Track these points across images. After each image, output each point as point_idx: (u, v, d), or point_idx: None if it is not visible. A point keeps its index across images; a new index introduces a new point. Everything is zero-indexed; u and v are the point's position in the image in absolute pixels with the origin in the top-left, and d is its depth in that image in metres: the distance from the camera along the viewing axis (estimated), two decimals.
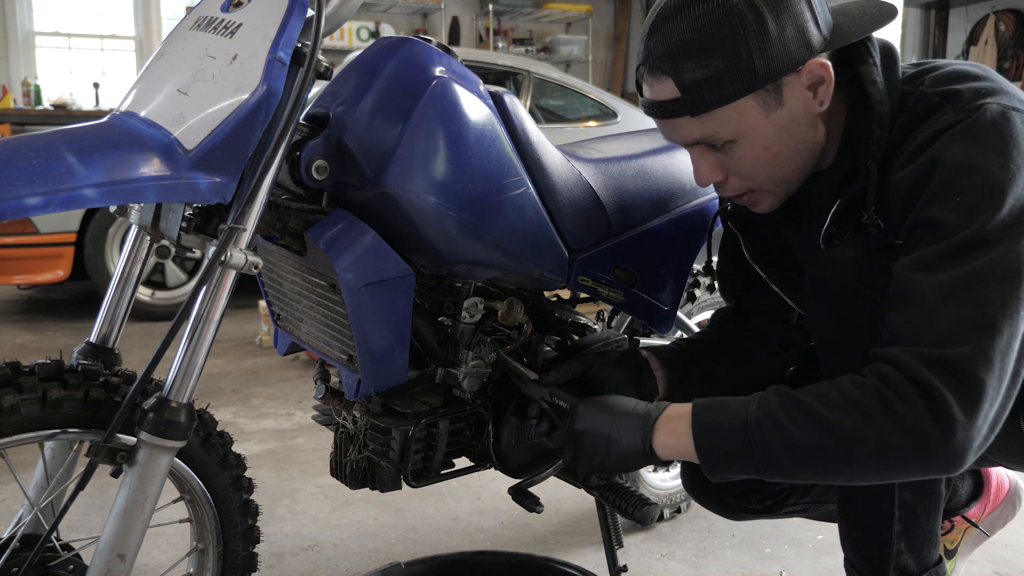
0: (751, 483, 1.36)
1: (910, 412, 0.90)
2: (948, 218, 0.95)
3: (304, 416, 2.86)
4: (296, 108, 1.05)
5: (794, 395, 0.98)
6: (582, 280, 1.40)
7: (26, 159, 0.92)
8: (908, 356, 0.92)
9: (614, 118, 4.92)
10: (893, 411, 0.91)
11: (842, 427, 0.94)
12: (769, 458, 0.98)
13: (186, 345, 1.04)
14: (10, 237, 3.95)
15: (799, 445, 0.96)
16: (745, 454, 0.99)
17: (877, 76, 1.07)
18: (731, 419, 1.01)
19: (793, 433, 0.96)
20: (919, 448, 0.91)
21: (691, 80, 1.03)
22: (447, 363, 1.32)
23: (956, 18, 5.87)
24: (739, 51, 1.01)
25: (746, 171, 1.11)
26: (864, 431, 0.93)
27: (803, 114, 1.07)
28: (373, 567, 1.67)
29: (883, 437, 0.92)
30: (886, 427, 0.91)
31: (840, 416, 0.94)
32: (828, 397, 0.96)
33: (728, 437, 1.01)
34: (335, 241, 1.14)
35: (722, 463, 1.03)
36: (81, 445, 1.22)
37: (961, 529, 1.45)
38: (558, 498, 2.15)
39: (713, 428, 1.02)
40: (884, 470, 0.96)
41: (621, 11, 8.76)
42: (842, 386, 0.96)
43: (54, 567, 1.18)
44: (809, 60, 1.04)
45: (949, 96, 1.03)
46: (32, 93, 6.27)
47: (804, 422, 0.96)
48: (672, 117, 1.07)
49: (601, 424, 1.11)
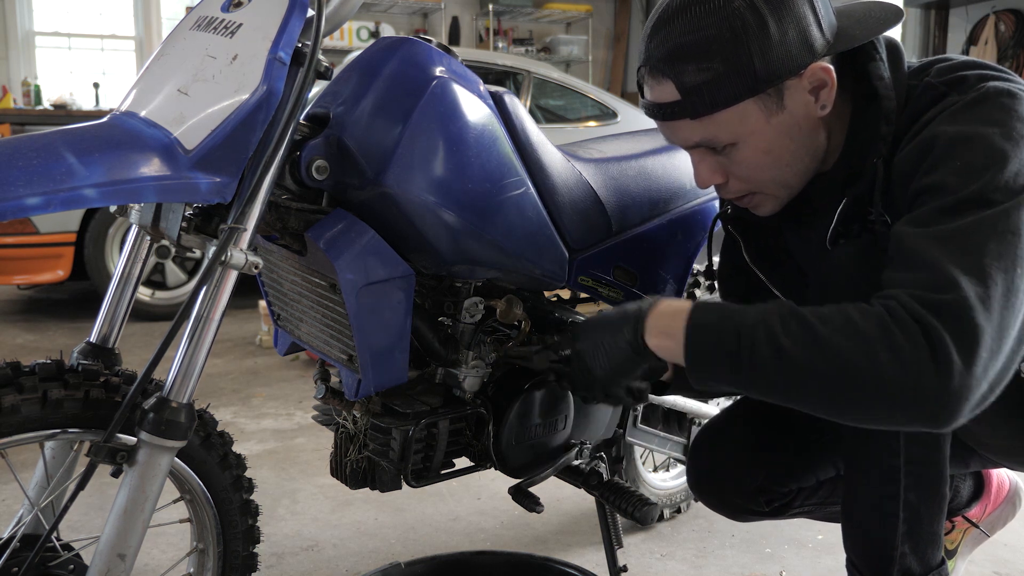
0: (758, 484, 1.35)
1: (910, 347, 0.87)
2: (948, 180, 0.94)
3: (304, 416, 2.86)
4: (296, 108, 1.05)
5: (796, 309, 0.95)
6: (582, 280, 1.40)
7: (26, 159, 0.92)
8: (908, 297, 0.89)
9: (614, 118, 4.92)
10: (893, 341, 0.87)
11: (837, 347, 0.90)
12: (756, 366, 0.94)
13: (186, 345, 1.04)
14: (10, 237, 3.94)
15: (789, 358, 0.92)
16: (733, 359, 0.95)
17: (884, 72, 1.07)
18: (726, 321, 0.97)
19: (785, 345, 0.92)
20: (912, 386, 0.87)
21: (691, 83, 1.02)
22: (447, 363, 1.33)
23: (956, 18, 5.87)
24: (739, 54, 1.00)
25: (746, 174, 1.11)
26: (859, 355, 0.89)
27: (804, 118, 1.07)
28: (373, 567, 1.67)
29: (878, 365, 0.88)
30: (883, 355, 0.87)
31: (838, 337, 0.90)
32: (829, 317, 0.92)
33: (720, 339, 0.97)
34: (335, 241, 1.14)
35: (709, 366, 0.99)
36: (81, 445, 1.22)
37: (961, 529, 1.45)
38: (558, 498, 2.15)
39: (706, 328, 0.99)
40: (871, 405, 0.91)
41: (621, 11, 8.76)
42: (845, 310, 0.92)
43: (54, 567, 1.18)
44: (811, 64, 1.03)
45: (954, 83, 1.03)
46: (32, 93, 6.27)
47: (799, 336, 0.92)
48: (672, 119, 1.07)
49: (596, 332, 1.10)
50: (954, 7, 5.85)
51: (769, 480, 1.35)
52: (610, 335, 1.08)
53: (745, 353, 0.94)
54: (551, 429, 1.40)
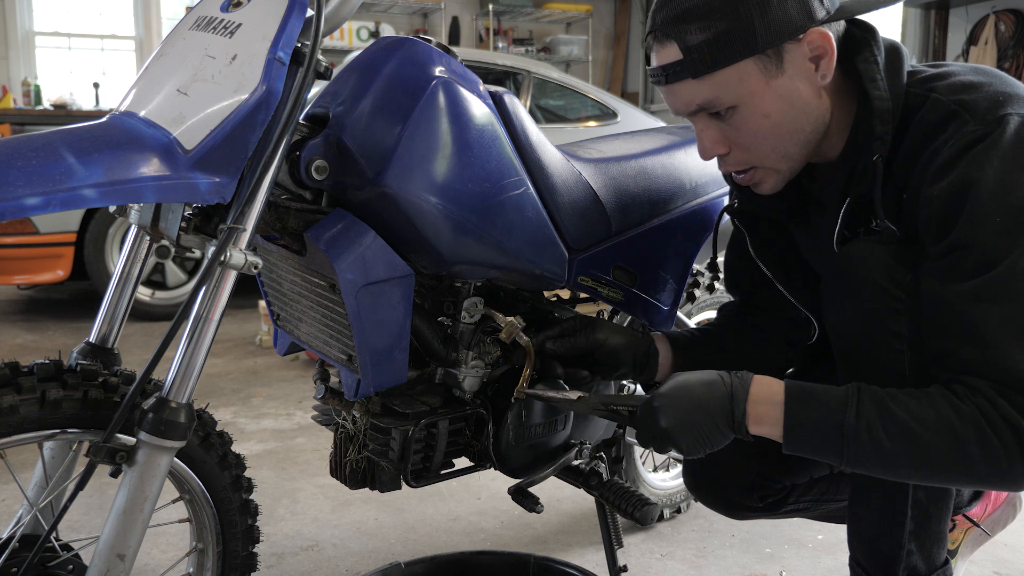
0: (753, 480, 1.36)
1: (1003, 449, 0.96)
2: (992, 241, 0.97)
3: (304, 416, 2.86)
4: (296, 108, 1.05)
5: (892, 409, 1.00)
6: (582, 280, 1.40)
7: (26, 159, 0.92)
8: (996, 394, 0.96)
9: (614, 118, 4.92)
10: (988, 445, 0.96)
11: (936, 450, 0.98)
12: (856, 459, 1.02)
13: (186, 345, 1.04)
14: (10, 237, 3.94)
15: (890, 456, 1.00)
16: (834, 452, 1.03)
17: (878, 74, 1.08)
18: (827, 420, 1.03)
19: (887, 447, 1.00)
20: (1000, 476, 0.98)
21: (693, 42, 1.05)
22: (447, 363, 1.32)
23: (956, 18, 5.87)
24: (739, 12, 1.03)
25: (748, 142, 1.12)
26: (955, 456, 0.98)
27: (805, 84, 1.08)
28: (373, 567, 1.67)
29: (971, 463, 0.97)
30: (976, 455, 0.97)
31: (936, 439, 0.98)
32: (925, 418, 0.99)
33: (822, 436, 1.03)
34: (335, 241, 1.14)
35: (807, 451, 1.06)
36: (80, 445, 1.22)
37: (963, 529, 1.45)
38: (558, 498, 2.15)
39: (807, 425, 1.04)
40: (955, 483, 1.05)
41: (621, 11, 8.76)
42: (940, 407, 0.99)
43: (54, 567, 1.18)
44: (810, 28, 1.05)
45: (966, 105, 1.03)
46: (32, 93, 6.27)
47: (900, 439, 0.99)
48: (675, 81, 1.09)
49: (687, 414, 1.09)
50: (954, 7, 5.84)
51: (763, 476, 1.36)
52: (704, 417, 1.08)
53: (848, 451, 1.02)
54: (551, 429, 1.40)
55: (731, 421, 1.07)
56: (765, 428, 1.07)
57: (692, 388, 1.10)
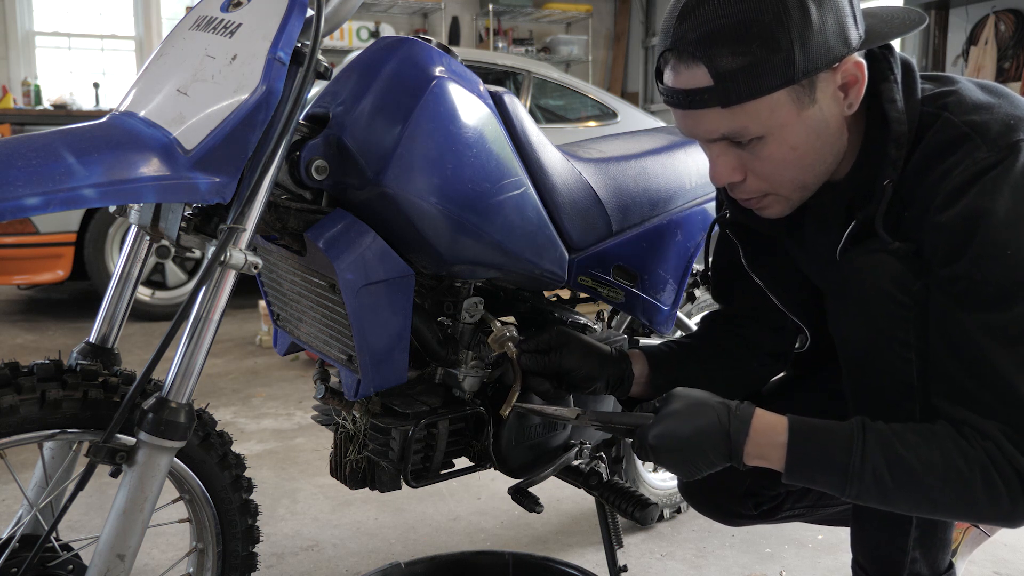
0: (748, 487, 1.35)
1: (1008, 494, 0.96)
2: (1008, 277, 0.96)
3: (304, 416, 2.86)
4: (296, 108, 1.04)
5: (898, 451, 0.99)
6: (582, 280, 1.40)
7: (26, 159, 0.92)
8: (1005, 439, 0.96)
9: (614, 118, 4.92)
10: (994, 490, 0.97)
11: (940, 492, 0.98)
12: (858, 497, 1.02)
13: (186, 345, 1.04)
14: (10, 237, 3.95)
15: (893, 496, 1.01)
16: (838, 489, 1.02)
17: (897, 95, 1.04)
18: (830, 461, 1.02)
19: (891, 489, 1.00)
20: (1002, 517, 0.99)
21: (726, 68, 0.96)
22: (447, 363, 1.32)
23: (956, 18, 5.86)
24: (780, 40, 0.95)
25: (768, 172, 1.06)
26: (959, 499, 0.98)
27: (833, 115, 1.03)
28: (373, 567, 1.67)
29: (975, 505, 0.98)
30: (981, 499, 0.97)
31: (941, 483, 0.98)
32: (932, 460, 0.98)
33: (826, 475, 1.02)
34: (335, 241, 1.14)
35: (810, 485, 1.06)
36: (80, 445, 1.22)
37: (962, 529, 1.45)
38: (558, 498, 2.15)
39: (811, 464, 1.03)
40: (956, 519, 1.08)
41: (621, 11, 8.76)
42: (946, 449, 0.98)
43: (53, 567, 1.18)
44: (846, 57, 0.99)
45: (977, 128, 1.00)
46: (32, 93, 6.27)
47: (905, 482, 0.99)
48: (701, 108, 1.00)
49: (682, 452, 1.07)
50: (954, 7, 5.84)
51: (757, 484, 1.34)
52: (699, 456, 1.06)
53: (851, 490, 1.01)
54: (551, 429, 1.40)
55: (728, 456, 1.06)
56: (765, 463, 1.06)
57: (690, 420, 1.06)
